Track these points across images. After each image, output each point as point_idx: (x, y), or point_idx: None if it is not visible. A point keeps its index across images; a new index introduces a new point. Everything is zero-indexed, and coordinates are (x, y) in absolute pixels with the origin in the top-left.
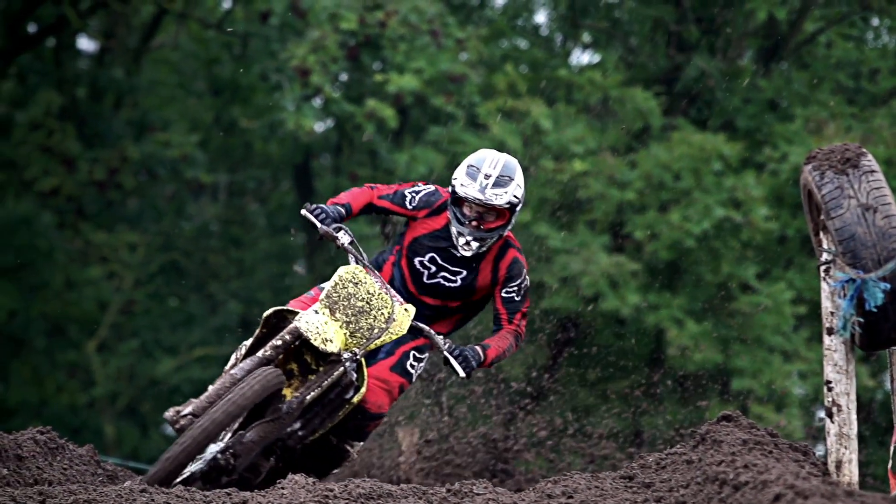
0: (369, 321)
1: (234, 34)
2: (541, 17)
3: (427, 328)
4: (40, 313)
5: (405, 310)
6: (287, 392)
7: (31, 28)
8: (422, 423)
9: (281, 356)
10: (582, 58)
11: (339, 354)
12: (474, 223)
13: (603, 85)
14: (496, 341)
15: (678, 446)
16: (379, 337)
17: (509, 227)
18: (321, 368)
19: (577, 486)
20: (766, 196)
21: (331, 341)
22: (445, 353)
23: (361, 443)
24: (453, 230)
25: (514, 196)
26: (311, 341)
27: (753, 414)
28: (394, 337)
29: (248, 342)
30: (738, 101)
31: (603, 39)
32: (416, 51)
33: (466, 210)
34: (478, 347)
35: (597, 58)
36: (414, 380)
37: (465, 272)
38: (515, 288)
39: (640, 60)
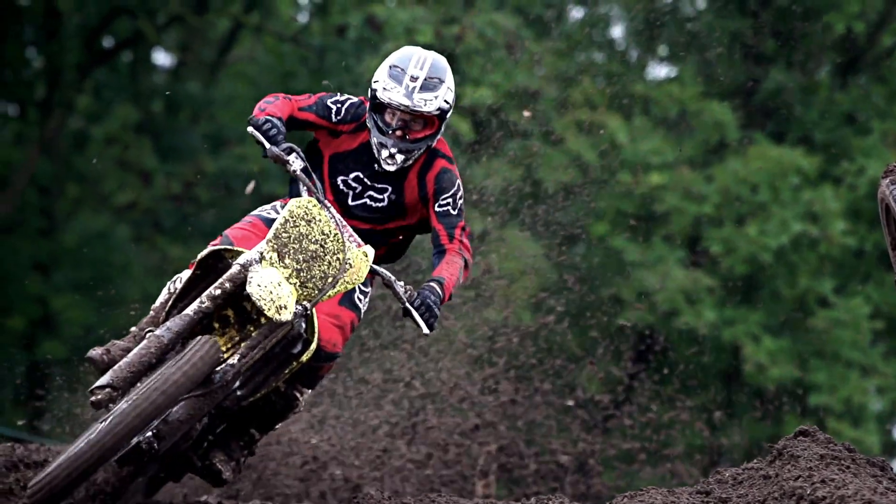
0: (323, 268)
1: (310, 48)
2: (617, 31)
3: (388, 274)
4: (116, 328)
5: (364, 254)
6: (221, 342)
7: (107, 42)
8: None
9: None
10: (658, 71)
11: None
12: (398, 133)
13: (680, 98)
14: (446, 269)
15: (755, 461)
16: (333, 287)
17: (438, 137)
18: (263, 320)
19: (653, 500)
20: (843, 210)
21: (285, 308)
22: (407, 304)
23: (311, 390)
24: (374, 141)
25: (445, 101)
26: (265, 311)
27: (830, 429)
28: (349, 287)
29: (184, 276)
30: (816, 115)
31: (680, 53)
32: (492, 63)
33: (389, 118)
34: (433, 284)
35: (673, 71)
36: (362, 315)
37: (390, 188)
38: (449, 200)
39: (716, 73)
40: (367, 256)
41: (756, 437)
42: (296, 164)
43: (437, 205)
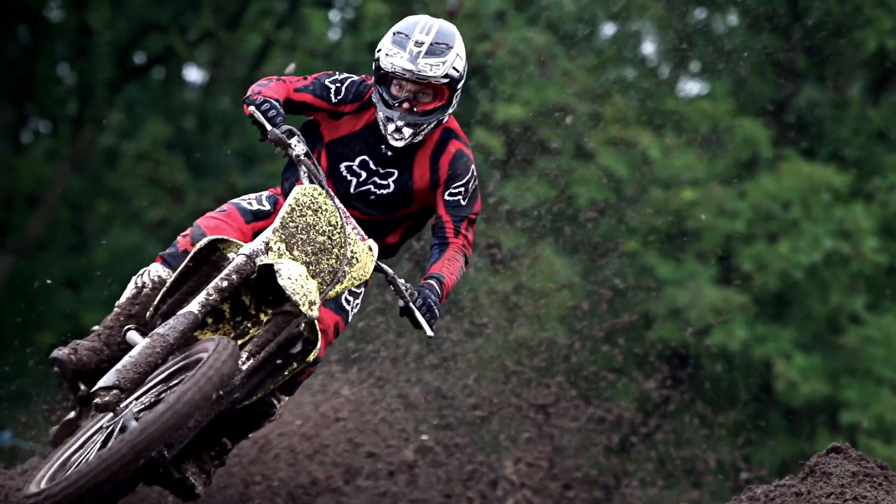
0: (330, 262)
1: (341, 64)
2: (648, 48)
3: (391, 272)
4: None
5: (368, 248)
6: (209, 337)
7: (139, 59)
8: (523, 450)
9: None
10: (690, 87)
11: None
12: (405, 104)
13: (712, 115)
14: (447, 266)
15: (787, 478)
16: (340, 282)
17: (450, 110)
18: (263, 317)
19: None
20: (875, 227)
21: (315, 304)
22: (410, 304)
23: (288, 397)
24: (380, 115)
25: (454, 68)
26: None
27: (862, 446)
28: (356, 283)
29: (162, 273)
30: (848, 132)
31: (712, 69)
32: (524, 80)
33: (395, 89)
34: (433, 282)
35: (705, 87)
36: (350, 319)
37: (396, 172)
38: (462, 189)
39: (748, 90)
40: (371, 251)
41: (788, 454)
42: (298, 147)
43: (447, 192)
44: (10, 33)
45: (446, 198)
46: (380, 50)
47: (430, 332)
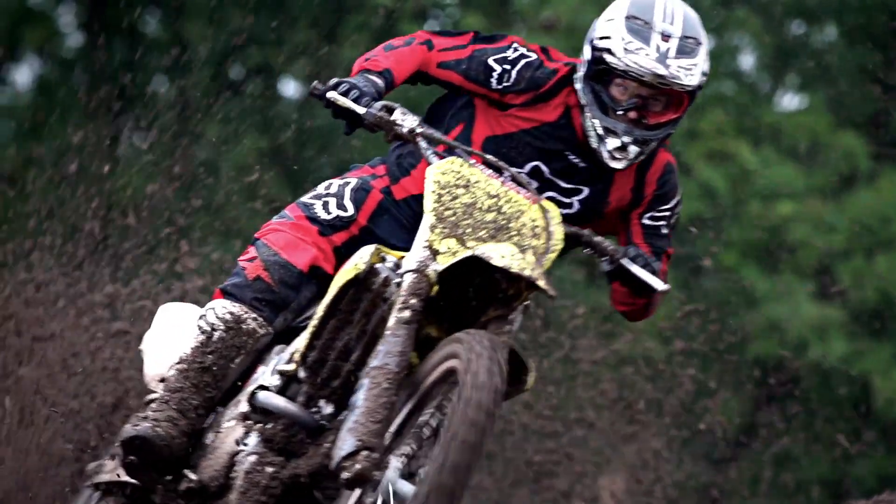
0: (514, 238)
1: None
2: (747, 61)
3: (585, 231)
4: None
5: (542, 207)
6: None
7: (236, 72)
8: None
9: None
10: (788, 101)
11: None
12: (632, 113)
13: (812, 128)
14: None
15: (885, 493)
16: (540, 265)
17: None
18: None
19: None
20: None
21: (546, 282)
22: (624, 261)
23: None
24: (593, 124)
25: (703, 73)
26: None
27: None
28: (554, 255)
29: (233, 310)
30: None
31: (811, 83)
32: None
33: (618, 90)
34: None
35: (804, 101)
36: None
37: (588, 190)
38: (667, 213)
39: (847, 104)
40: (549, 211)
41: (886, 471)
42: (406, 120)
43: (648, 215)
44: (106, 47)
45: (645, 222)
46: (606, 37)
47: (662, 287)
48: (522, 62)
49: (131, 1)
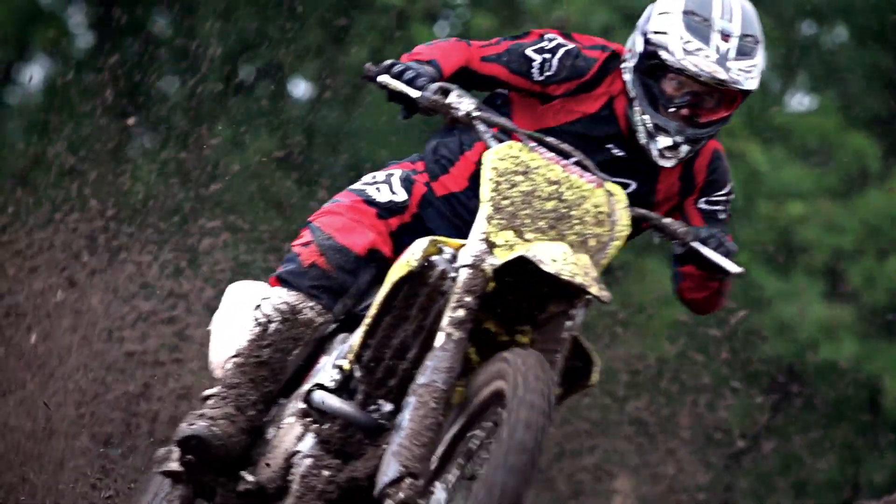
0: (577, 227)
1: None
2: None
3: (653, 214)
4: None
5: (608, 192)
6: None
7: (245, 72)
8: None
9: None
10: (798, 101)
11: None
12: (684, 110)
13: (822, 129)
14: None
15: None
16: (605, 254)
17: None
18: (523, 338)
19: None
20: None
21: (602, 285)
22: (696, 245)
23: None
24: (643, 120)
25: (762, 71)
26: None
27: None
28: (619, 243)
29: (289, 299)
30: None
31: (821, 83)
32: None
33: (671, 86)
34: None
35: (814, 101)
36: None
37: (635, 184)
38: (723, 198)
39: (857, 104)
40: (614, 195)
41: None
42: (463, 102)
43: (703, 200)
44: (116, 47)
45: (702, 206)
46: (661, 32)
47: (736, 269)
48: (562, 51)
49: (142, 1)
